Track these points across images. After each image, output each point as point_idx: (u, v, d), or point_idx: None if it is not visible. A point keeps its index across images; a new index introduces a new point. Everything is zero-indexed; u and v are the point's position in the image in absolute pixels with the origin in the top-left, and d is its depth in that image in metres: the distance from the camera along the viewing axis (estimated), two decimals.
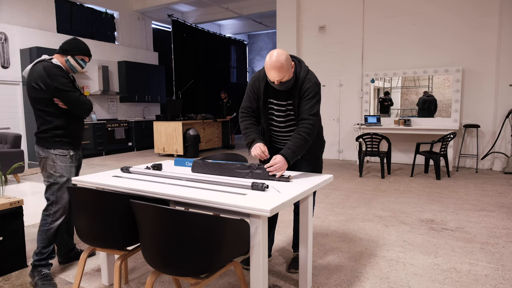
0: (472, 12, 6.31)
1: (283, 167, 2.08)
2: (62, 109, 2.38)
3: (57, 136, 2.38)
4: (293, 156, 2.14)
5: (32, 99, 2.36)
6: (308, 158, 2.42)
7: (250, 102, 2.42)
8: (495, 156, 6.28)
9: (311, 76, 2.25)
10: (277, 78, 2.12)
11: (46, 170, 2.40)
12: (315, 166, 2.47)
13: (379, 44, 7.14)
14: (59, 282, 2.39)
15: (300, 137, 2.16)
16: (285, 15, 7.97)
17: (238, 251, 1.70)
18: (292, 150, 2.13)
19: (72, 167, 2.46)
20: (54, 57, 2.40)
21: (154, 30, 11.31)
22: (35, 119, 2.43)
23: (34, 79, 2.30)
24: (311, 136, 2.19)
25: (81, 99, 2.38)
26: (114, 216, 1.85)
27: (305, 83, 2.22)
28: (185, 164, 2.55)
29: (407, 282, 2.33)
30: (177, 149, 8.32)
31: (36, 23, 7.93)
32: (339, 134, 7.72)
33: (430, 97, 6.88)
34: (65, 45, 2.42)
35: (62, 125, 2.39)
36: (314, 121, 2.20)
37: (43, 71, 2.28)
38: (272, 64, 2.09)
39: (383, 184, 5.23)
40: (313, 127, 2.19)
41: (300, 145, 2.15)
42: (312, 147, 2.38)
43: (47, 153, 2.39)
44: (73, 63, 2.43)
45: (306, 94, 2.21)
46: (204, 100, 12.51)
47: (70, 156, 2.44)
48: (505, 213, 3.75)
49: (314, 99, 2.22)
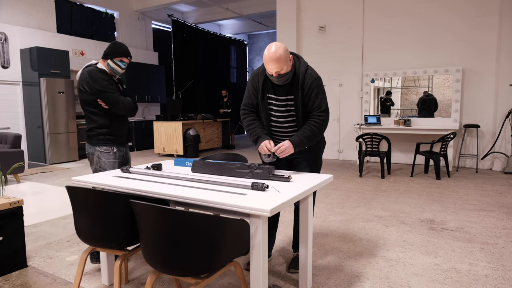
0: (472, 12, 6.31)
1: (289, 151, 2.19)
2: (105, 109, 2.61)
3: (101, 134, 2.62)
4: (300, 144, 2.21)
5: (81, 101, 2.62)
6: (307, 157, 2.42)
7: (250, 98, 2.43)
8: (495, 156, 6.28)
9: (311, 71, 2.26)
10: (276, 70, 2.13)
11: (93, 164, 2.65)
12: (313, 166, 2.46)
13: (379, 44, 7.14)
14: (59, 282, 2.39)
15: (310, 129, 2.23)
16: (285, 15, 7.97)
17: (238, 251, 1.70)
18: (299, 138, 2.21)
19: (116, 163, 2.67)
20: (99, 62, 2.62)
21: (154, 30, 11.31)
22: (84, 120, 2.71)
23: (81, 83, 2.56)
24: (321, 131, 2.25)
25: (119, 99, 2.57)
26: (114, 216, 1.85)
27: (306, 79, 2.23)
28: (185, 164, 2.55)
29: (407, 282, 2.33)
30: (177, 149, 8.32)
31: (36, 23, 7.93)
32: (339, 134, 7.72)
33: (430, 96, 6.88)
34: (106, 49, 2.64)
35: (105, 124, 2.63)
36: (325, 117, 2.26)
37: (87, 74, 2.52)
38: (271, 56, 2.10)
39: (383, 184, 5.23)
40: (323, 123, 2.25)
41: (308, 136, 2.22)
42: (313, 146, 2.38)
43: (94, 149, 2.64)
44: (113, 65, 2.63)
45: (310, 91, 2.23)
46: (204, 100, 12.51)
47: (114, 152, 2.66)
48: (505, 213, 3.75)
49: (320, 94, 2.25)
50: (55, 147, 7.60)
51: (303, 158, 2.41)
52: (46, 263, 2.71)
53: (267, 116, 2.41)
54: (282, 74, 2.17)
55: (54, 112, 7.56)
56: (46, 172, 6.62)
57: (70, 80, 7.86)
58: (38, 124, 7.50)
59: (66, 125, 7.81)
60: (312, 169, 2.45)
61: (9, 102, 7.49)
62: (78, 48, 8.75)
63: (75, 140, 8.00)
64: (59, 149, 7.68)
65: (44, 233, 3.36)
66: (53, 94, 7.52)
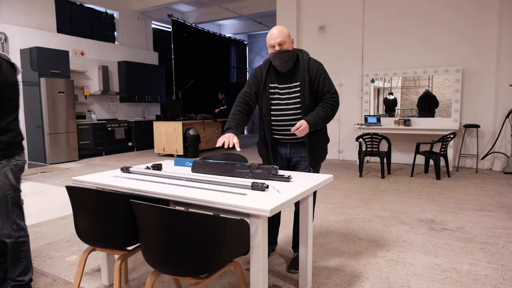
0: (472, 12, 6.31)
1: (306, 130, 2.24)
2: None
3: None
4: (315, 124, 2.26)
5: None
6: (310, 155, 2.41)
7: (249, 88, 2.47)
8: (495, 156, 6.28)
9: (314, 59, 2.38)
10: (279, 39, 2.24)
11: None
12: (314, 163, 2.45)
13: (379, 44, 7.14)
14: (59, 282, 2.39)
15: (324, 110, 2.29)
16: (285, 15, 7.97)
17: (238, 251, 1.70)
18: (314, 119, 2.26)
19: None
20: None
21: (154, 30, 11.31)
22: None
23: None
24: (334, 112, 2.33)
25: None
26: (114, 216, 1.85)
27: (311, 65, 2.33)
28: (185, 164, 2.55)
29: (407, 282, 2.33)
30: (177, 149, 8.32)
31: (36, 23, 7.93)
32: (339, 134, 7.72)
33: (428, 93, 6.88)
34: None
35: None
36: (337, 98, 2.34)
37: None
38: (275, 27, 2.28)
39: (383, 184, 5.23)
40: (336, 103, 2.33)
41: (322, 117, 2.28)
42: (315, 144, 2.39)
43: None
44: None
45: (318, 76, 2.32)
46: (204, 100, 12.50)
47: None
48: (505, 213, 3.75)
49: (327, 78, 2.35)
50: (55, 147, 7.60)
51: (304, 154, 2.43)
52: (46, 263, 2.71)
53: (268, 107, 2.42)
54: (284, 51, 2.25)
55: (54, 112, 7.56)
56: (46, 172, 6.62)
57: (70, 80, 7.86)
58: (38, 124, 7.50)
59: (66, 125, 7.81)
60: (313, 165, 2.44)
61: None
62: (78, 48, 8.75)
63: (75, 140, 8.00)
64: (59, 149, 7.68)
65: (44, 233, 3.36)
66: (53, 94, 7.52)
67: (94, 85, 9.13)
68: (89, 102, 9.06)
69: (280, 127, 2.44)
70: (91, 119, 8.81)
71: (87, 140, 8.43)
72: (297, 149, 2.46)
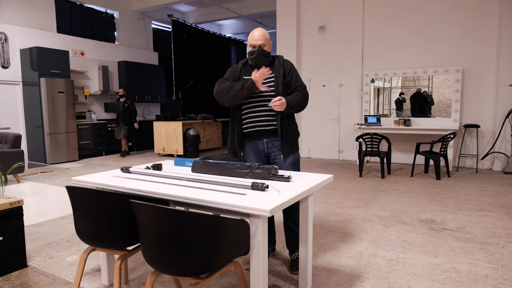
0: (472, 12, 6.31)
1: (283, 105, 2.32)
2: None
3: None
4: (290, 104, 2.36)
5: None
6: (282, 141, 2.46)
7: (227, 78, 2.60)
8: (495, 156, 6.28)
9: (287, 60, 2.59)
10: (260, 39, 2.41)
11: None
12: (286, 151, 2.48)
13: (379, 44, 7.14)
14: (59, 282, 2.39)
15: (299, 97, 2.44)
16: (285, 15, 7.97)
17: (238, 251, 1.70)
18: (290, 100, 2.38)
19: None
20: None
21: (154, 30, 11.30)
22: None
23: None
24: (306, 102, 2.50)
25: None
26: (114, 216, 1.85)
27: (285, 62, 2.53)
28: (185, 164, 2.55)
29: (407, 282, 2.33)
30: (177, 149, 8.32)
31: (36, 23, 7.93)
32: (339, 134, 7.72)
33: (420, 93, 6.93)
34: None
35: None
36: (307, 93, 2.55)
37: None
38: (257, 29, 2.46)
39: (383, 184, 5.23)
40: (307, 96, 2.52)
41: (296, 101, 2.41)
42: (286, 132, 2.46)
43: None
44: None
45: (292, 71, 2.51)
46: (204, 100, 12.50)
47: None
48: (505, 213, 3.75)
49: (299, 76, 2.56)
50: (55, 147, 7.60)
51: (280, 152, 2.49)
52: (46, 263, 2.71)
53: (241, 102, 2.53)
54: (261, 51, 2.41)
55: (54, 112, 7.56)
56: (46, 172, 6.62)
57: (70, 80, 7.86)
58: (38, 124, 7.50)
59: (66, 125, 7.81)
60: (283, 148, 2.47)
61: (9, 102, 7.49)
62: (78, 48, 8.75)
63: (75, 140, 8.00)
64: (59, 149, 7.68)
65: (44, 233, 3.36)
66: (53, 94, 7.52)
67: (94, 85, 9.12)
68: (89, 102, 9.06)
69: (254, 118, 2.48)
70: (91, 119, 8.81)
71: (87, 140, 8.43)
72: (274, 143, 2.50)
